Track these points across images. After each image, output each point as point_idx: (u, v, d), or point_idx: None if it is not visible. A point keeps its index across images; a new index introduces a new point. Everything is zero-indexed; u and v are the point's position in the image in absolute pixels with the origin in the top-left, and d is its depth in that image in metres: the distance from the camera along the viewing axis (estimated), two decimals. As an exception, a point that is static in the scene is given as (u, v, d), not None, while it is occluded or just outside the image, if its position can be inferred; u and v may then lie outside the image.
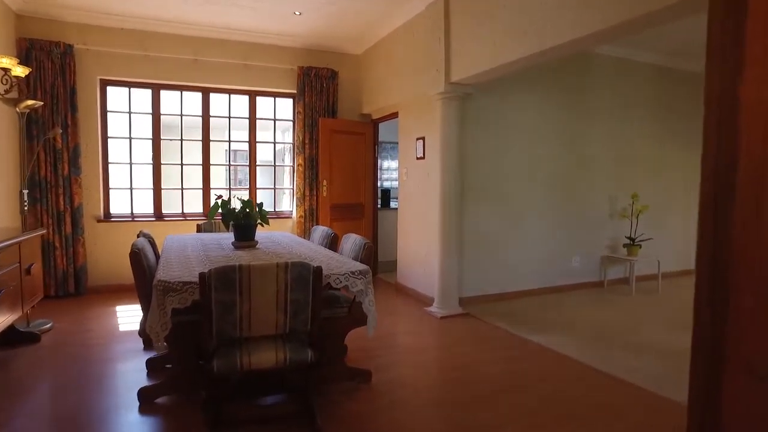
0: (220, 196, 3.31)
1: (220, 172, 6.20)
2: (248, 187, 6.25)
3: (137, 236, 3.50)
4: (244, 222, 3.20)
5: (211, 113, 5.94)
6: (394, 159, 9.62)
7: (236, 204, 3.36)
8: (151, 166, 5.72)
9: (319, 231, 3.99)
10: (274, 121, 6.30)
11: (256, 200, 6.22)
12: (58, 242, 5.06)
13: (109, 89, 5.49)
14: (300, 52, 6.12)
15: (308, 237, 5.81)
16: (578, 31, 3.18)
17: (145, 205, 5.74)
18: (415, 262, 5.41)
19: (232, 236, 3.47)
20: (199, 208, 5.97)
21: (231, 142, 6.11)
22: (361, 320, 2.83)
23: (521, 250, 5.38)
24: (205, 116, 5.91)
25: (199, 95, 5.87)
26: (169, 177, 5.87)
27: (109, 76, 5.37)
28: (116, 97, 5.60)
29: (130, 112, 5.58)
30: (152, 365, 3.16)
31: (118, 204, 5.69)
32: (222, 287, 2.09)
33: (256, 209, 3.28)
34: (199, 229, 4.56)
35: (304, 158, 6.07)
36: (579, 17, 3.16)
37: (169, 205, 5.87)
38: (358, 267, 2.66)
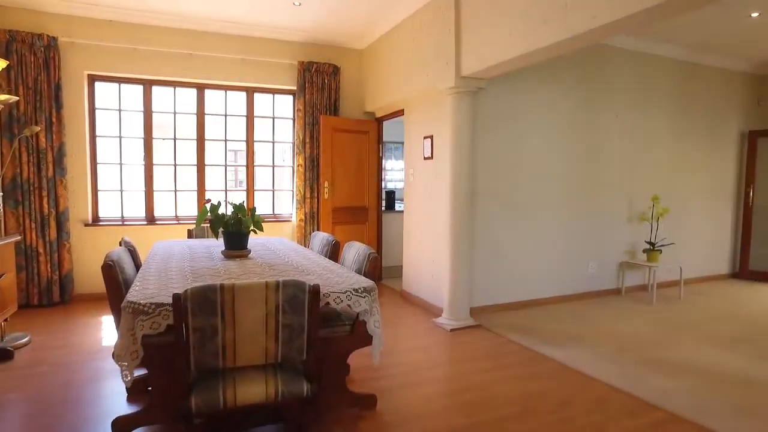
0: (208, 200, 2.99)
1: (218, 173, 5.87)
2: (246, 188, 5.93)
3: (119, 244, 3.19)
4: (233, 229, 2.88)
5: (207, 111, 5.63)
6: (397, 159, 9.31)
7: (230, 208, 3.05)
8: (143, 167, 5.41)
9: (319, 238, 3.66)
10: (273, 119, 5.98)
11: (253, 203, 5.90)
12: (42, 248, 4.75)
13: (98, 85, 5.18)
14: (300, 47, 5.79)
15: (307, 243, 5.50)
16: (607, 16, 2.85)
17: (136, 208, 5.43)
18: (422, 269, 5.08)
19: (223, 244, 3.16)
20: (193, 212, 5.66)
21: (228, 142, 5.79)
22: (365, 339, 2.49)
23: (534, 255, 5.04)
24: (200, 114, 5.60)
25: (193, 92, 5.56)
26: (162, 178, 5.56)
27: (97, 72, 5.06)
28: (105, 93, 5.28)
29: (120, 110, 5.27)
30: (133, 388, 2.84)
31: (108, 207, 5.37)
32: (200, 311, 1.76)
33: (249, 214, 2.95)
34: (191, 235, 4.24)
35: (305, 158, 5.75)
36: (608, 1, 2.83)
37: (162, 208, 5.56)
38: (362, 283, 2.33)
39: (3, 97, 3.50)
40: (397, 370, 3.34)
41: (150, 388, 2.77)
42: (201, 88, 5.56)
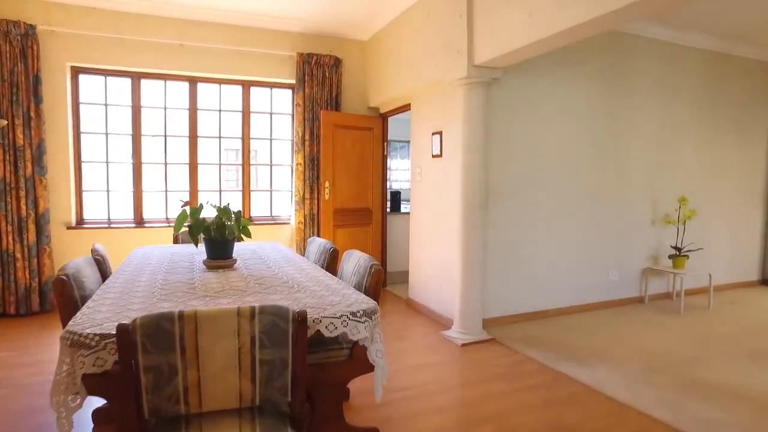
0: (187, 202, 2.62)
1: (211, 172, 5.50)
2: (241, 189, 5.56)
3: (91, 252, 2.83)
4: (215, 236, 2.50)
5: (199, 106, 5.26)
6: (403, 158, 8.92)
7: (213, 211, 2.68)
8: (131, 166, 5.05)
9: (316, 244, 3.28)
10: (271, 114, 5.60)
11: (249, 204, 5.53)
12: (20, 253, 4.40)
13: (82, 78, 4.82)
14: (300, 38, 5.41)
15: (304, 250, 5.13)
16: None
17: (124, 210, 5.08)
18: (430, 276, 4.69)
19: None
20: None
21: (222, 139, 5.43)
22: (367, 366, 2.11)
23: (552, 260, 4.63)
24: (193, 109, 5.23)
25: (185, 85, 5.20)
26: (152, 178, 5.20)
27: (81, 63, 4.70)
28: (90, 87, 4.92)
29: (107, 105, 4.92)
30: (99, 417, 2.47)
31: (94, 208, 5.02)
32: (154, 346, 1.38)
33: (233, 219, 2.57)
34: (177, 241, 3.88)
35: (304, 156, 5.37)
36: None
37: (152, 210, 5.20)
38: (362, 304, 1.94)
39: (-36, 87, 3.15)
40: (404, 395, 2.95)
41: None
42: (193, 82, 5.19)
